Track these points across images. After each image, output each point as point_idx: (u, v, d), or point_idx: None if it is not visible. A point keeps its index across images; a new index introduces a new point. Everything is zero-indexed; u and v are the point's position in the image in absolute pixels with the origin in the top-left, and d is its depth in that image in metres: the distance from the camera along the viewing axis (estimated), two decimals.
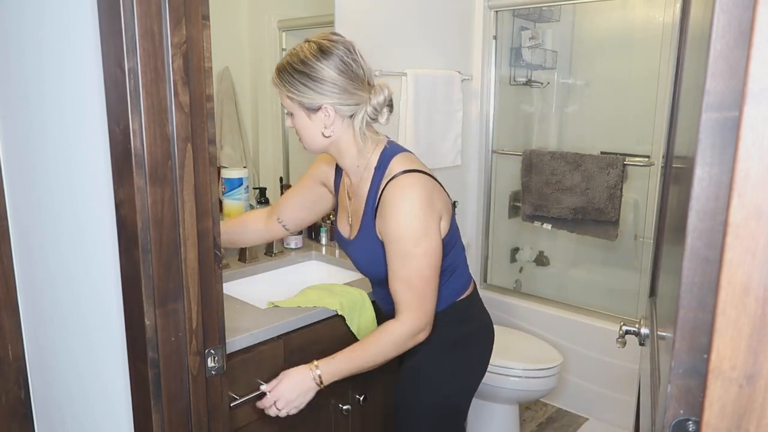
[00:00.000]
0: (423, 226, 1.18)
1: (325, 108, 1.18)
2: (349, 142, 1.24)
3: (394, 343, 1.23)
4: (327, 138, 1.22)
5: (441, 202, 1.24)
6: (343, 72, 1.16)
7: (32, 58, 1.10)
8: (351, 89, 1.17)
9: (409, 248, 1.18)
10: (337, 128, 1.21)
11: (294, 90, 1.18)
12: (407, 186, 1.19)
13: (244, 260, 1.80)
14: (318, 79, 1.16)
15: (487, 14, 2.69)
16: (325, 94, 1.16)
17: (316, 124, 1.20)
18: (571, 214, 2.66)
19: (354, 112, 1.20)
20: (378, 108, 1.21)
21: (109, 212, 0.96)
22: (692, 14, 0.98)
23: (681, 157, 0.87)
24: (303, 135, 1.25)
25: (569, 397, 2.65)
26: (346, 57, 1.17)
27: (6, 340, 1.33)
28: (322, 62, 1.16)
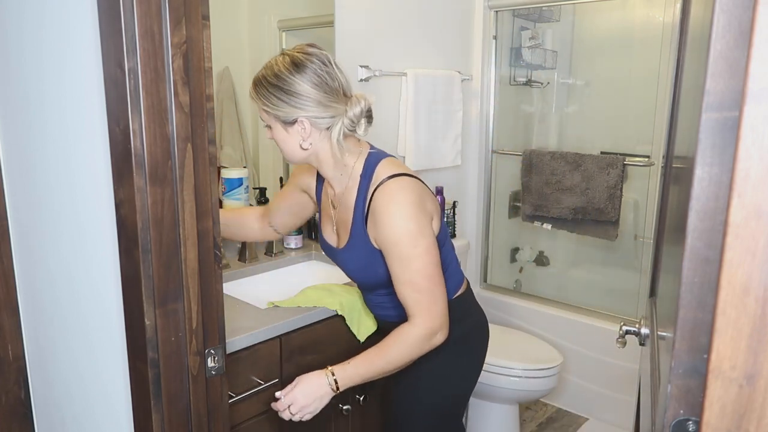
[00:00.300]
0: (418, 226, 1.18)
1: (300, 121, 1.18)
2: (327, 153, 1.24)
3: (409, 347, 1.21)
4: (305, 150, 1.22)
5: (430, 203, 1.25)
6: (317, 85, 1.16)
7: (32, 58, 1.10)
8: (326, 102, 1.17)
9: (408, 250, 1.18)
10: (315, 140, 1.21)
11: (269, 104, 1.18)
12: (396, 190, 1.19)
13: (244, 260, 1.80)
14: (292, 93, 1.16)
15: (487, 14, 2.69)
16: (299, 108, 1.16)
17: (294, 136, 1.21)
18: (571, 214, 2.66)
19: (330, 125, 1.19)
20: (355, 120, 1.20)
21: (109, 212, 0.96)
22: (692, 14, 0.98)
23: (681, 157, 0.87)
24: (282, 147, 1.25)
25: (569, 397, 2.65)
26: (320, 70, 1.17)
27: (6, 340, 1.33)
28: (296, 76, 1.16)
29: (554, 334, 2.65)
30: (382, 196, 1.19)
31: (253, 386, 1.32)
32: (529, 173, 2.76)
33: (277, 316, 1.38)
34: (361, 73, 2.18)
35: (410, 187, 1.20)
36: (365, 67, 2.18)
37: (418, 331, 1.20)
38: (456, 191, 2.67)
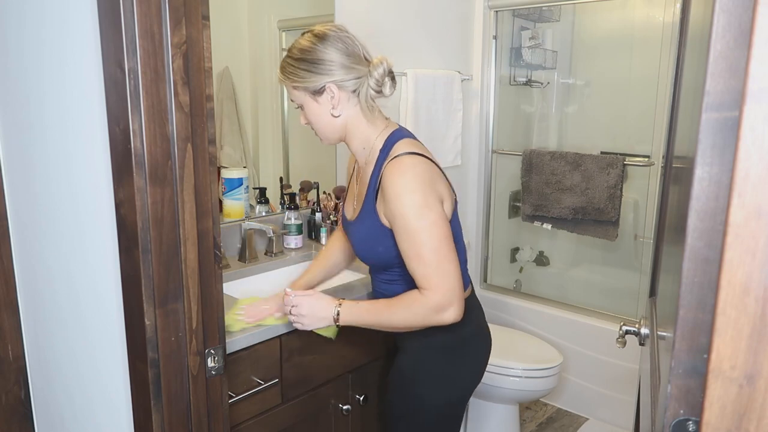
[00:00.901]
0: (424, 199, 1.16)
1: (328, 87, 1.21)
2: (358, 119, 1.26)
3: (413, 314, 1.20)
4: (336, 119, 1.25)
5: (442, 187, 1.23)
6: (339, 49, 1.20)
7: (32, 58, 1.10)
8: (349, 64, 1.20)
9: (413, 223, 1.16)
10: (344, 106, 1.24)
11: (296, 78, 1.22)
12: (406, 164, 1.18)
13: (244, 260, 1.80)
14: (316, 61, 1.20)
15: (487, 14, 2.69)
16: (325, 74, 1.20)
17: (324, 106, 1.24)
18: (571, 214, 2.66)
19: (357, 87, 1.22)
20: (380, 79, 1.23)
21: (109, 212, 0.96)
22: (692, 14, 0.98)
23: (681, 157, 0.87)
24: (315, 123, 1.28)
25: (569, 397, 2.65)
26: (340, 36, 1.21)
27: (6, 340, 1.33)
28: (318, 45, 1.20)
29: (554, 334, 2.65)
30: (392, 169, 1.19)
31: (253, 386, 1.32)
32: (529, 173, 2.76)
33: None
34: None
35: (422, 165, 1.19)
36: None
37: (425, 302, 1.18)
38: (456, 191, 2.67)
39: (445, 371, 1.33)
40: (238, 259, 1.82)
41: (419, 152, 1.22)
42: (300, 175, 2.10)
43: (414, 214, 1.16)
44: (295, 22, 2.05)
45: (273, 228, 1.80)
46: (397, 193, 1.17)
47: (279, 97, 2.03)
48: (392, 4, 2.27)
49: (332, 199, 2.09)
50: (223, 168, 1.86)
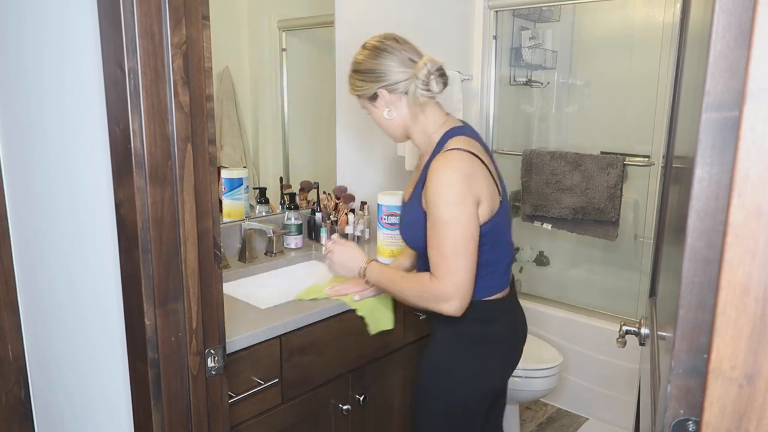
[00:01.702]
0: (456, 196, 1.22)
1: (380, 93, 1.34)
2: (413, 117, 1.37)
3: (418, 292, 1.30)
4: (393, 119, 1.37)
5: (483, 188, 1.27)
6: (385, 57, 1.32)
7: (32, 58, 1.10)
8: (395, 69, 1.32)
9: (440, 214, 1.23)
10: (398, 107, 1.36)
11: (355, 87, 1.39)
12: (450, 158, 1.25)
13: (244, 260, 1.80)
14: (365, 71, 1.35)
15: (487, 14, 2.69)
16: (374, 81, 1.34)
17: (381, 110, 1.38)
18: (571, 214, 2.66)
19: (405, 88, 1.33)
20: (425, 79, 1.30)
21: (109, 212, 0.96)
22: (692, 14, 0.98)
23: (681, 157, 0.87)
24: (380, 125, 1.43)
25: (569, 397, 2.65)
26: (383, 45, 1.34)
27: (6, 340, 1.33)
28: (365, 57, 1.35)
29: (554, 334, 2.65)
30: (438, 162, 1.26)
31: (253, 386, 1.32)
32: (529, 173, 2.76)
33: (276, 317, 1.38)
34: None
35: (466, 162, 1.25)
36: None
37: (431, 288, 1.26)
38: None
39: (471, 365, 1.37)
40: (238, 259, 1.82)
41: (467, 148, 1.27)
42: (300, 175, 2.10)
43: (445, 207, 1.22)
44: (295, 22, 2.05)
45: (273, 228, 1.80)
46: (435, 184, 1.24)
47: (279, 97, 2.03)
48: (392, 4, 2.27)
49: (332, 199, 2.09)
50: (223, 168, 1.86)
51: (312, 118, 2.16)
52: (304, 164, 2.14)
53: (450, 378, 1.36)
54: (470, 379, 1.37)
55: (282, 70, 2.01)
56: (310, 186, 2.10)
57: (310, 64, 2.12)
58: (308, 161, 2.17)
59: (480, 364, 1.37)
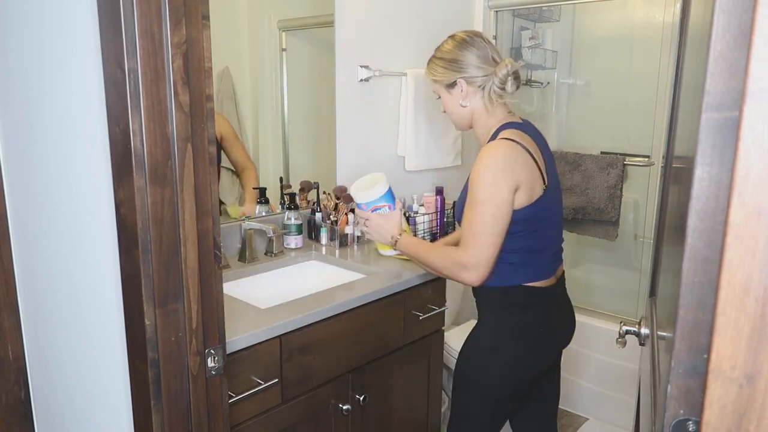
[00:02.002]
0: (493, 178, 1.32)
1: (459, 82, 1.45)
2: (482, 110, 1.47)
3: (443, 260, 1.43)
4: (464, 108, 1.48)
5: (524, 174, 1.35)
6: (471, 52, 1.43)
7: (32, 58, 1.10)
8: (478, 64, 1.43)
9: (476, 193, 1.34)
10: (472, 99, 1.47)
11: (434, 73, 1.49)
12: (495, 146, 1.36)
13: (244, 260, 1.80)
14: (450, 60, 1.45)
15: (487, 14, 2.69)
16: (456, 71, 1.45)
17: (455, 97, 1.48)
18: (571, 214, 2.66)
19: (483, 83, 1.44)
20: (503, 78, 1.43)
21: (109, 212, 0.96)
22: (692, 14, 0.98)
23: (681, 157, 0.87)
24: (449, 111, 1.53)
25: (569, 397, 2.65)
26: (471, 40, 1.45)
27: (6, 340, 1.33)
28: (452, 47, 1.46)
29: None
30: (485, 148, 1.38)
31: (253, 386, 1.32)
32: None
33: (276, 317, 1.38)
34: (361, 73, 2.18)
35: (509, 149, 1.35)
36: (365, 67, 2.18)
37: (454, 255, 1.39)
38: (456, 191, 2.67)
39: (512, 347, 1.45)
40: (238, 259, 1.82)
41: (515, 139, 1.37)
42: (300, 175, 2.10)
43: (480, 187, 1.33)
44: (295, 22, 2.05)
45: (273, 228, 1.80)
46: (476, 167, 1.35)
47: (279, 97, 2.03)
48: (392, 4, 2.27)
49: (332, 199, 2.09)
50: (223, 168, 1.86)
51: (312, 118, 2.16)
52: (304, 164, 2.14)
53: (490, 359, 1.46)
54: (508, 363, 1.45)
55: (282, 70, 2.01)
56: (310, 186, 2.10)
57: (310, 64, 2.12)
58: (308, 161, 2.17)
59: (518, 348, 1.45)
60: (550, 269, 1.49)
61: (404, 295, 1.69)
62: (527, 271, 1.43)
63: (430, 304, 1.79)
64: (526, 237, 1.40)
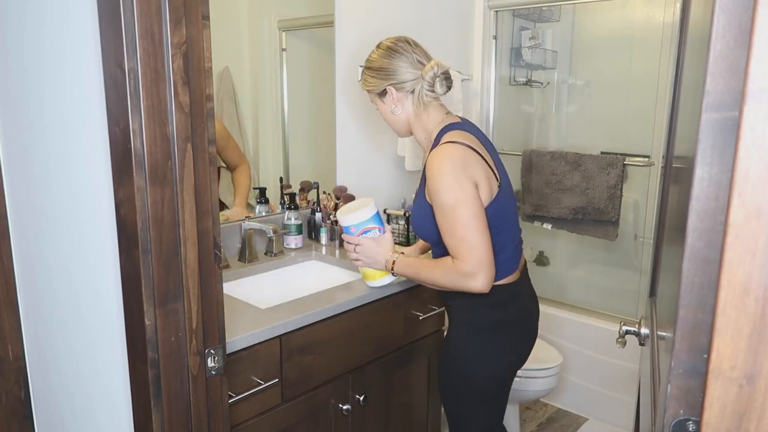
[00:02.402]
0: (455, 180, 1.31)
1: (389, 90, 1.45)
2: (417, 115, 1.47)
3: (444, 274, 1.37)
4: (399, 115, 1.48)
5: (478, 173, 1.35)
6: (395, 58, 1.43)
7: (32, 58, 1.10)
8: (405, 69, 1.43)
9: (444, 200, 1.32)
10: (403, 105, 1.47)
11: (365, 83, 1.50)
12: (443, 150, 1.35)
13: (244, 260, 1.80)
14: (377, 69, 1.46)
15: (487, 14, 2.69)
16: (384, 78, 1.45)
17: (388, 105, 1.48)
18: (571, 214, 2.66)
19: (412, 87, 1.44)
20: (431, 81, 1.42)
21: (109, 212, 0.96)
22: (692, 14, 0.98)
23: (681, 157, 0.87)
24: (386, 119, 1.54)
25: (569, 397, 2.65)
26: (395, 46, 1.45)
27: (6, 340, 1.33)
28: (378, 56, 1.46)
29: (554, 334, 2.65)
30: (432, 155, 1.36)
31: (253, 386, 1.32)
32: (529, 173, 2.76)
33: (276, 316, 1.38)
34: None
35: (457, 151, 1.34)
36: None
37: (456, 268, 1.34)
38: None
39: (488, 348, 1.45)
40: (238, 259, 1.82)
41: (459, 140, 1.36)
42: (300, 175, 2.10)
43: (445, 194, 1.31)
44: (295, 22, 2.05)
45: (273, 228, 1.80)
46: (433, 174, 1.33)
47: (279, 97, 2.03)
48: (392, 4, 2.27)
49: (332, 199, 2.09)
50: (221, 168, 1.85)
51: (312, 118, 2.16)
52: (304, 164, 2.14)
53: (468, 363, 1.45)
54: (488, 363, 1.46)
55: (282, 70, 2.01)
56: (310, 186, 2.10)
57: (310, 64, 2.12)
58: (308, 161, 2.17)
59: (495, 348, 1.46)
60: (514, 264, 1.48)
61: (404, 295, 1.69)
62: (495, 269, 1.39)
63: (430, 304, 1.79)
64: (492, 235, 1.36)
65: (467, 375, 1.46)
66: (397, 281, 1.61)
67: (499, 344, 1.46)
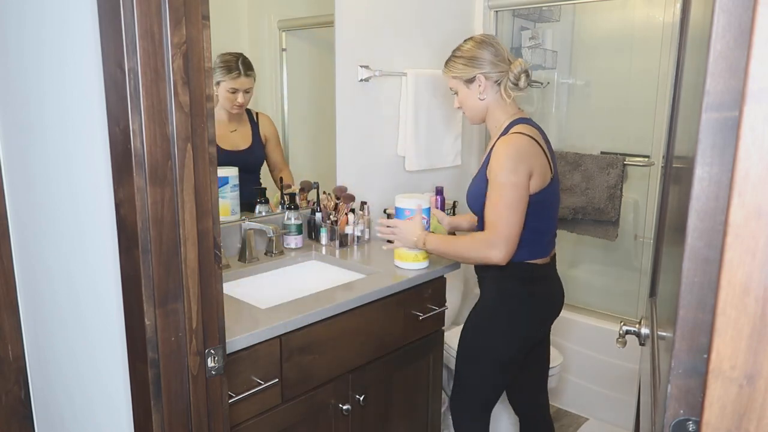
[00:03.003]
0: (512, 164, 1.50)
1: (478, 77, 1.62)
2: (496, 104, 1.65)
3: (470, 244, 1.56)
4: (482, 102, 1.65)
5: (537, 163, 1.54)
6: (487, 50, 1.62)
7: (32, 58, 1.10)
8: (495, 61, 1.61)
9: (498, 178, 1.51)
10: (488, 93, 1.64)
11: (454, 70, 1.66)
12: (511, 138, 1.54)
13: (244, 260, 1.80)
14: (469, 57, 1.63)
15: (487, 14, 2.69)
16: (476, 67, 1.62)
17: (473, 91, 1.65)
18: (571, 214, 2.66)
19: (499, 79, 1.63)
20: (517, 75, 1.62)
21: (109, 212, 0.96)
22: (692, 14, 0.98)
23: (681, 157, 0.87)
24: (466, 105, 1.69)
25: (569, 397, 2.65)
26: (489, 40, 1.64)
27: (6, 340, 1.33)
28: (472, 46, 1.63)
29: (554, 334, 2.65)
30: (502, 140, 1.55)
31: (253, 386, 1.32)
32: None
33: (276, 317, 1.38)
34: (361, 73, 2.18)
35: (522, 141, 1.53)
36: (365, 67, 2.18)
37: (482, 236, 1.53)
38: (456, 191, 2.67)
39: (513, 317, 1.63)
40: (238, 259, 1.82)
41: (527, 133, 1.55)
42: (300, 175, 2.10)
43: (502, 173, 1.50)
44: (295, 22, 2.05)
45: (273, 228, 1.80)
46: (498, 156, 1.52)
47: (279, 97, 2.03)
48: (392, 4, 2.27)
49: (332, 199, 2.09)
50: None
51: (312, 118, 2.16)
52: (304, 164, 2.14)
53: (493, 327, 1.63)
54: (509, 331, 1.62)
55: (282, 70, 2.01)
56: (310, 186, 2.10)
57: (310, 64, 2.12)
58: (308, 161, 2.17)
59: (520, 318, 1.63)
60: (548, 249, 1.66)
61: (404, 295, 1.70)
62: (530, 249, 1.59)
63: (430, 304, 1.79)
64: (535, 218, 1.56)
65: (486, 339, 1.63)
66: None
67: (524, 312, 1.63)
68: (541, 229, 1.61)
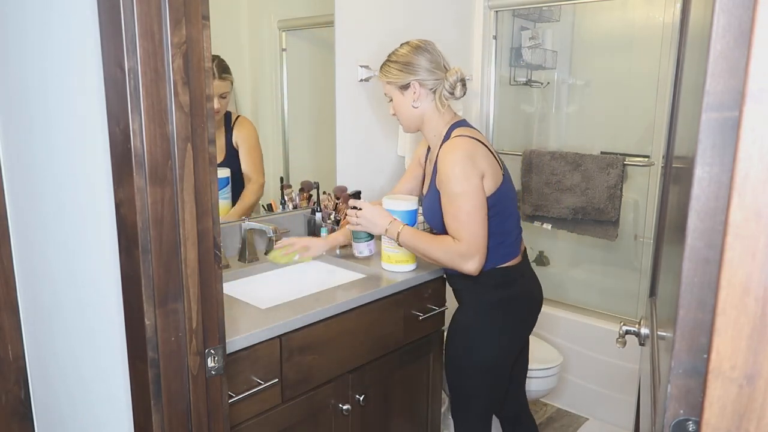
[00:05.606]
0: (463, 172, 1.45)
1: (413, 84, 1.57)
2: (432, 112, 1.60)
3: (440, 250, 1.51)
4: (416, 110, 1.60)
5: (486, 164, 1.49)
6: (425, 58, 1.56)
7: (33, 58, 1.10)
8: (431, 69, 1.56)
9: (452, 188, 1.46)
10: (423, 101, 1.59)
11: (389, 75, 1.60)
12: (455, 143, 1.50)
13: (244, 260, 1.80)
14: (404, 63, 1.57)
15: (487, 14, 2.69)
16: (410, 73, 1.57)
17: (408, 98, 1.60)
18: (571, 214, 2.66)
19: (435, 87, 1.58)
20: (453, 84, 1.57)
21: (109, 212, 0.96)
22: (692, 14, 0.98)
23: (681, 157, 0.87)
24: (400, 112, 1.63)
25: (569, 397, 2.65)
26: (425, 46, 1.58)
27: (6, 340, 1.33)
28: (407, 51, 1.58)
29: (554, 334, 2.65)
30: (445, 147, 1.51)
31: (253, 386, 1.32)
32: (529, 173, 2.76)
33: (276, 317, 1.38)
34: (361, 73, 2.18)
35: (466, 143, 1.49)
36: (365, 67, 2.17)
37: (454, 247, 1.48)
38: None
39: (494, 325, 1.59)
40: (238, 259, 1.82)
41: (469, 135, 1.52)
42: (300, 175, 2.10)
43: (453, 182, 1.46)
44: (295, 22, 2.05)
45: (273, 228, 1.80)
46: (444, 165, 1.47)
47: (279, 97, 2.03)
48: (392, 4, 2.27)
49: (332, 199, 2.09)
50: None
51: (312, 118, 2.16)
52: (304, 164, 2.14)
53: (477, 338, 1.58)
54: (494, 338, 1.59)
55: (282, 70, 2.01)
56: (310, 186, 2.10)
57: (310, 64, 2.12)
58: (308, 161, 2.17)
59: (502, 323, 1.59)
60: (517, 248, 1.62)
61: (404, 295, 1.70)
62: (500, 253, 1.56)
63: (430, 304, 1.79)
64: (498, 222, 1.53)
65: (472, 351, 1.58)
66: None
67: (507, 321, 1.59)
68: (507, 230, 1.57)
